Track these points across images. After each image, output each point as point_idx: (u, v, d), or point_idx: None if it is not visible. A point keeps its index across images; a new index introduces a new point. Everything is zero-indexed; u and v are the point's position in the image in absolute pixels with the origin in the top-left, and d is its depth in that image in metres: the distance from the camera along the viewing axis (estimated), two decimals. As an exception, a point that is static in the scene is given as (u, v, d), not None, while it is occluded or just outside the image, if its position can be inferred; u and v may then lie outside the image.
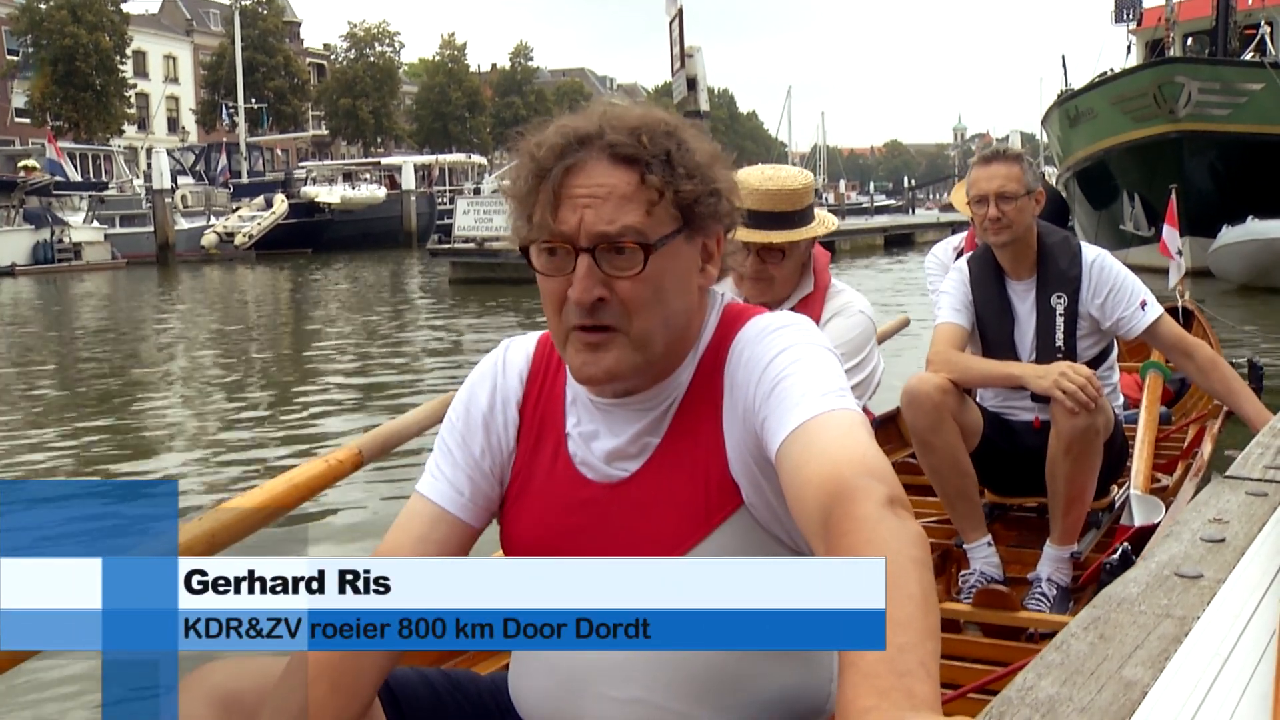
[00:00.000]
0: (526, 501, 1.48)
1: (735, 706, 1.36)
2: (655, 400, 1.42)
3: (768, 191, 2.71)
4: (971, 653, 2.78)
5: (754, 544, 1.36)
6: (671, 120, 1.39)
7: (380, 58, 67.00)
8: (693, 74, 8.60)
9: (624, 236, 1.32)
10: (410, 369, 12.59)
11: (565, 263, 1.34)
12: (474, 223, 24.45)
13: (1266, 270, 16.81)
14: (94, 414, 10.00)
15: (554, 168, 1.33)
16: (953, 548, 3.36)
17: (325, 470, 2.27)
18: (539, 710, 1.45)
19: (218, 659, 1.38)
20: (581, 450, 1.45)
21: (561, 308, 1.36)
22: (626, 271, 1.33)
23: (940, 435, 3.06)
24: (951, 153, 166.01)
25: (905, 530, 1.01)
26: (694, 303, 1.42)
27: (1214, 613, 1.44)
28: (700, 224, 1.38)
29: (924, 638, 0.89)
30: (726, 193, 1.40)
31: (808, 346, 1.35)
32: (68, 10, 47.08)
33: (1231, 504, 1.92)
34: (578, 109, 1.41)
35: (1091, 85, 22.56)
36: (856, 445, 1.17)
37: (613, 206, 1.32)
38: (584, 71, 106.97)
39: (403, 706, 1.46)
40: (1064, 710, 1.17)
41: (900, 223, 45.79)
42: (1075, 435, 2.92)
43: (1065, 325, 3.23)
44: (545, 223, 1.33)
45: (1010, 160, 3.24)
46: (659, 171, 1.33)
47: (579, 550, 1.41)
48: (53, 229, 34.29)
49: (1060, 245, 3.29)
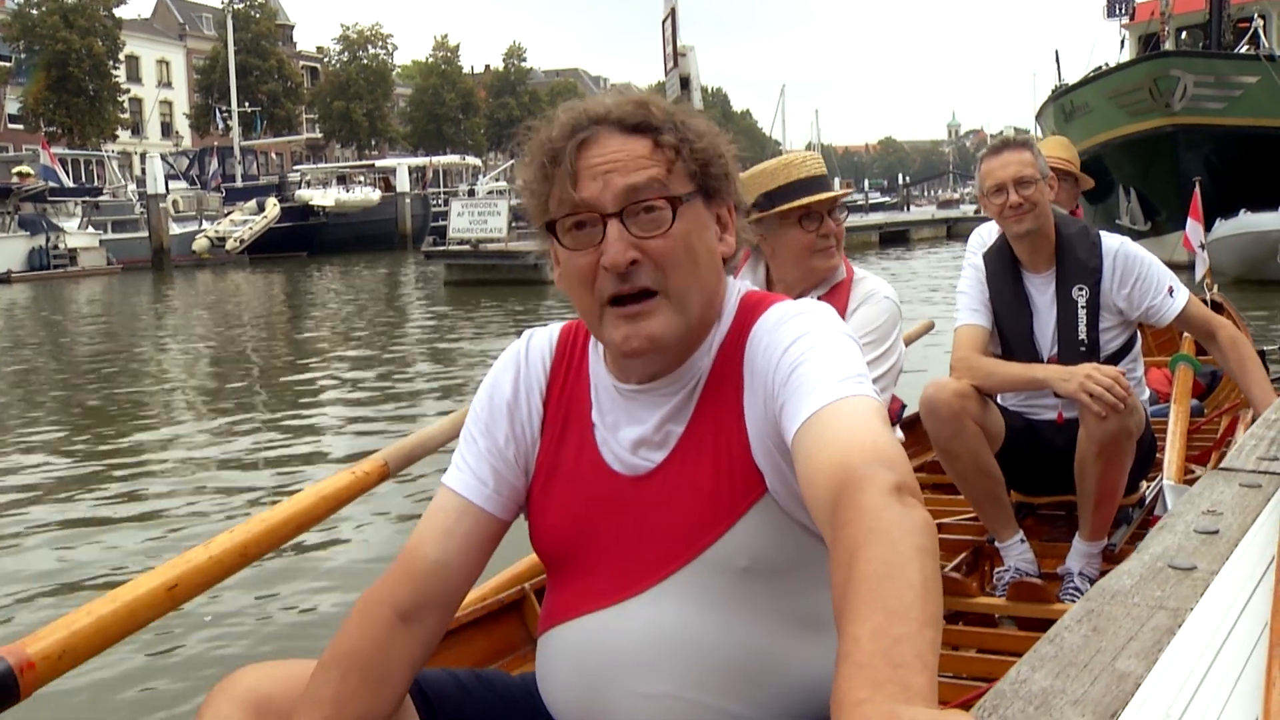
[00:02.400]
0: (554, 493, 1.47)
1: (763, 699, 1.35)
2: (678, 384, 1.41)
3: (797, 163, 2.74)
4: (1007, 646, 2.74)
5: (779, 531, 1.36)
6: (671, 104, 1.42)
7: (373, 60, 67.01)
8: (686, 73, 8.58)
9: (650, 190, 1.33)
10: (406, 371, 12.58)
11: (594, 233, 1.34)
12: (469, 224, 24.42)
13: (1259, 263, 16.81)
14: (91, 425, 9.99)
15: (568, 145, 1.34)
16: (985, 544, 3.32)
17: (352, 482, 2.31)
18: (568, 708, 1.44)
19: (250, 664, 1.39)
20: (608, 440, 1.44)
21: (594, 283, 1.35)
22: (656, 230, 1.33)
23: (962, 442, 3.00)
24: (946, 149, 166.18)
25: (909, 518, 1.00)
26: (719, 272, 1.43)
27: (1207, 604, 1.44)
28: (714, 187, 1.40)
29: (922, 627, 0.88)
30: (731, 161, 1.43)
31: (825, 333, 1.33)
32: (59, 16, 47.04)
33: (1225, 495, 1.92)
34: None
35: (1086, 80, 22.60)
36: (867, 432, 1.16)
37: (635, 166, 1.33)
38: (578, 72, 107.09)
39: (434, 705, 1.46)
40: (1057, 702, 1.16)
41: (895, 220, 45.75)
42: (1107, 439, 2.85)
43: (1088, 318, 3.15)
44: (568, 196, 1.34)
45: (1020, 146, 3.18)
46: (670, 134, 1.36)
47: (606, 545, 1.41)
48: (48, 235, 34.30)
49: (1079, 235, 3.21)
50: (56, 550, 5.90)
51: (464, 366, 12.53)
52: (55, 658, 1.59)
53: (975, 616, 2.97)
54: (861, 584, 0.92)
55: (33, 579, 5.39)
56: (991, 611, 2.97)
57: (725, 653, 1.34)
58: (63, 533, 6.20)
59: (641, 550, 1.38)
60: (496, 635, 2.66)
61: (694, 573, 1.35)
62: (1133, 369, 3.26)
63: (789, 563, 1.37)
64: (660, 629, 1.35)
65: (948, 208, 65.60)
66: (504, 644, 2.67)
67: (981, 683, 2.40)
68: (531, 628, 2.68)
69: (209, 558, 1.91)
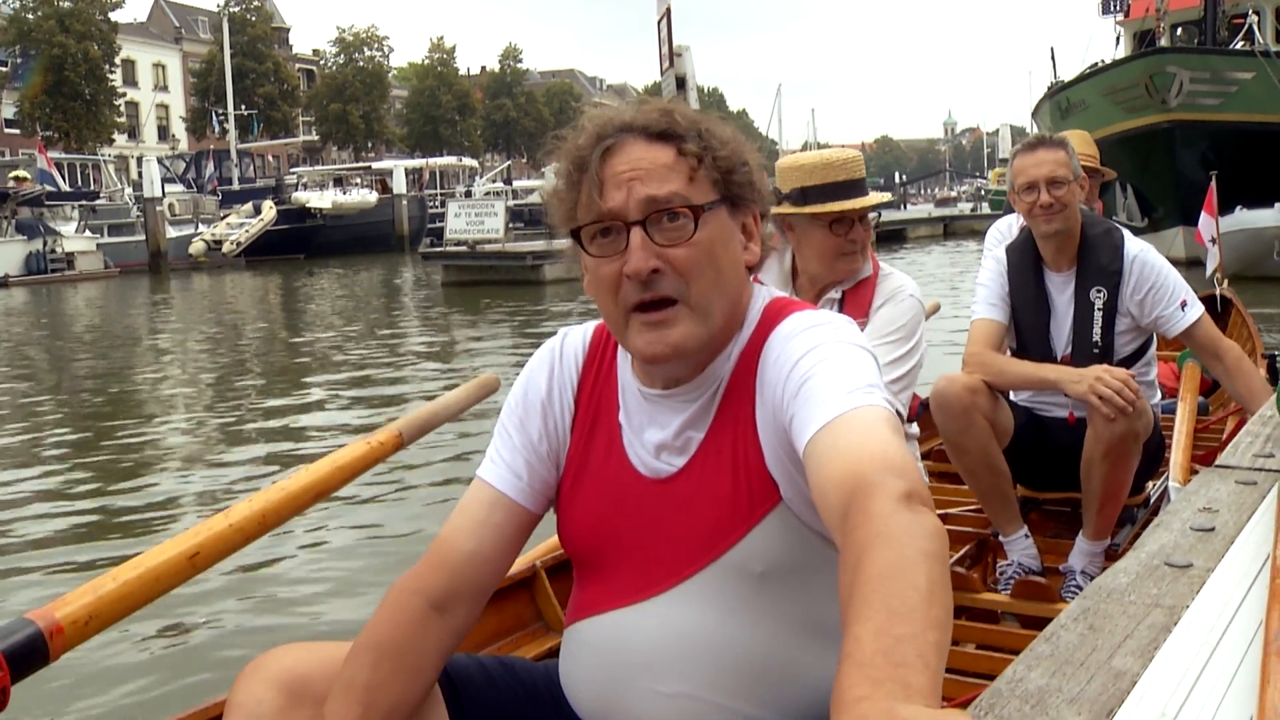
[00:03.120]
0: (582, 490, 1.50)
1: (779, 701, 1.38)
2: (699, 390, 1.43)
3: (833, 163, 2.72)
4: (1008, 643, 2.75)
5: (794, 537, 1.38)
6: (696, 112, 1.44)
7: (369, 62, 66.96)
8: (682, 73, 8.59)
9: (672, 201, 1.35)
10: (404, 373, 12.57)
11: (618, 240, 1.37)
12: (465, 225, 24.42)
13: (1256, 260, 16.80)
14: (90, 427, 9.98)
15: (593, 152, 1.37)
16: (989, 537, 3.33)
17: (368, 452, 2.38)
18: (587, 701, 1.48)
19: (284, 644, 1.41)
20: (633, 442, 1.47)
21: (618, 290, 1.37)
22: (679, 239, 1.36)
23: (971, 436, 3.00)
24: (942, 147, 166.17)
25: (917, 524, 1.01)
26: (742, 280, 1.45)
27: (1203, 602, 1.44)
28: (739, 195, 1.42)
29: (925, 629, 0.88)
30: (756, 169, 1.44)
31: (837, 345, 1.35)
32: (55, 20, 46.97)
33: (1221, 493, 1.92)
34: (568, 109, 1.44)
35: (1082, 77, 22.59)
36: (878, 442, 1.17)
37: (658, 177, 1.36)
38: (573, 73, 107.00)
39: (460, 691, 1.48)
40: (1053, 701, 1.17)
41: (892, 219, 45.65)
42: (1114, 440, 2.85)
43: (1103, 320, 3.15)
44: (593, 204, 1.37)
45: (1055, 146, 3.16)
46: (694, 142, 1.38)
47: (629, 544, 1.44)
48: (45, 239, 34.26)
49: (1103, 238, 3.19)
50: (57, 550, 5.90)
51: (462, 367, 12.53)
52: (83, 622, 1.65)
53: (978, 612, 2.98)
54: (866, 585, 0.93)
55: (33, 578, 5.38)
56: (994, 608, 2.97)
57: (739, 655, 1.37)
58: (63, 533, 6.20)
59: (662, 551, 1.41)
60: (507, 613, 2.71)
61: (711, 576, 1.38)
62: (1145, 373, 3.26)
63: (804, 569, 1.39)
64: (677, 630, 1.38)
65: (946, 206, 65.55)
66: (514, 621, 2.73)
67: (982, 680, 2.41)
68: (541, 606, 2.74)
69: (229, 525, 1.98)
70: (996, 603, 2.97)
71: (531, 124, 76.96)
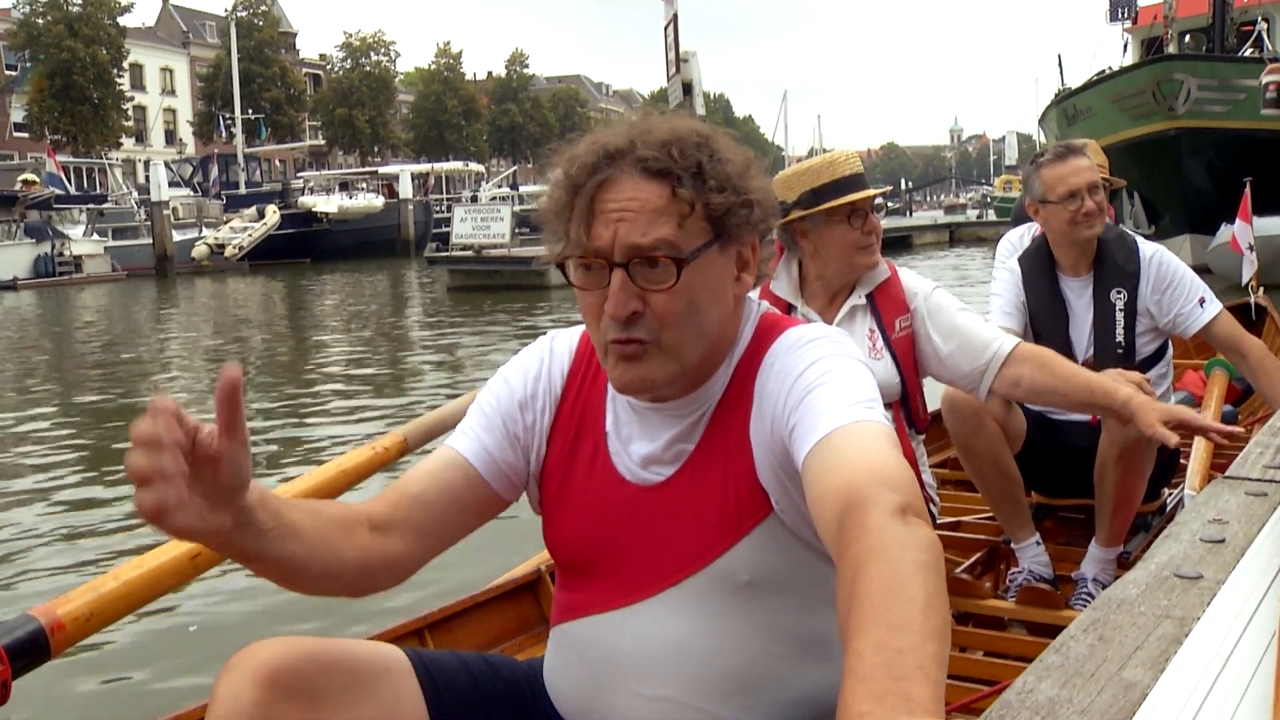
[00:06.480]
0: (567, 497, 1.50)
1: (762, 706, 1.39)
2: (690, 407, 1.44)
3: (836, 161, 2.77)
4: (1014, 650, 2.75)
5: (783, 550, 1.39)
6: (704, 130, 1.40)
7: (376, 67, 67.11)
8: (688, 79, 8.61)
9: (656, 250, 1.33)
10: (410, 378, 12.58)
11: (601, 277, 1.36)
12: (471, 230, 24.43)
13: (1266, 267, 16.74)
14: (97, 428, 10.00)
15: (586, 183, 1.35)
16: (1001, 545, 3.31)
17: (372, 457, 2.40)
18: (570, 702, 1.49)
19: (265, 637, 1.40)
20: (620, 451, 1.47)
21: (599, 320, 1.38)
22: (660, 285, 1.34)
23: (982, 440, 2.99)
24: (948, 154, 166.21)
25: (912, 536, 1.01)
26: (729, 312, 1.43)
27: (1214, 614, 1.43)
28: (733, 234, 1.39)
29: (924, 640, 0.88)
30: (760, 201, 1.41)
31: (840, 359, 1.35)
32: (64, 25, 47.14)
33: (1231, 504, 1.91)
34: (574, 115, 1.43)
35: (1089, 84, 22.54)
36: (875, 456, 1.18)
37: (645, 220, 1.33)
38: (580, 78, 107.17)
39: (440, 690, 1.48)
40: (1064, 712, 1.16)
41: (898, 225, 45.60)
42: (1128, 443, 2.84)
43: (1125, 321, 3.18)
44: (580, 239, 1.35)
45: (1082, 153, 3.21)
46: (690, 185, 1.34)
47: (616, 551, 1.44)
48: (53, 242, 34.37)
49: (1117, 241, 3.25)
50: (61, 548, 5.91)
51: (469, 372, 12.53)
52: (84, 619, 1.67)
53: (984, 619, 2.97)
54: (864, 600, 0.94)
55: (38, 576, 5.39)
56: (1001, 615, 2.97)
57: (722, 661, 1.38)
58: (62, 533, 6.20)
59: (649, 558, 1.42)
60: (511, 614, 2.74)
61: (698, 584, 1.39)
62: (1163, 375, 3.28)
63: (791, 581, 1.40)
64: (661, 635, 1.40)
65: (954, 213, 65.40)
66: (518, 623, 2.76)
67: (986, 686, 2.40)
68: (545, 608, 2.76)
69: None
70: (1003, 610, 2.96)
71: (537, 129, 77.06)
